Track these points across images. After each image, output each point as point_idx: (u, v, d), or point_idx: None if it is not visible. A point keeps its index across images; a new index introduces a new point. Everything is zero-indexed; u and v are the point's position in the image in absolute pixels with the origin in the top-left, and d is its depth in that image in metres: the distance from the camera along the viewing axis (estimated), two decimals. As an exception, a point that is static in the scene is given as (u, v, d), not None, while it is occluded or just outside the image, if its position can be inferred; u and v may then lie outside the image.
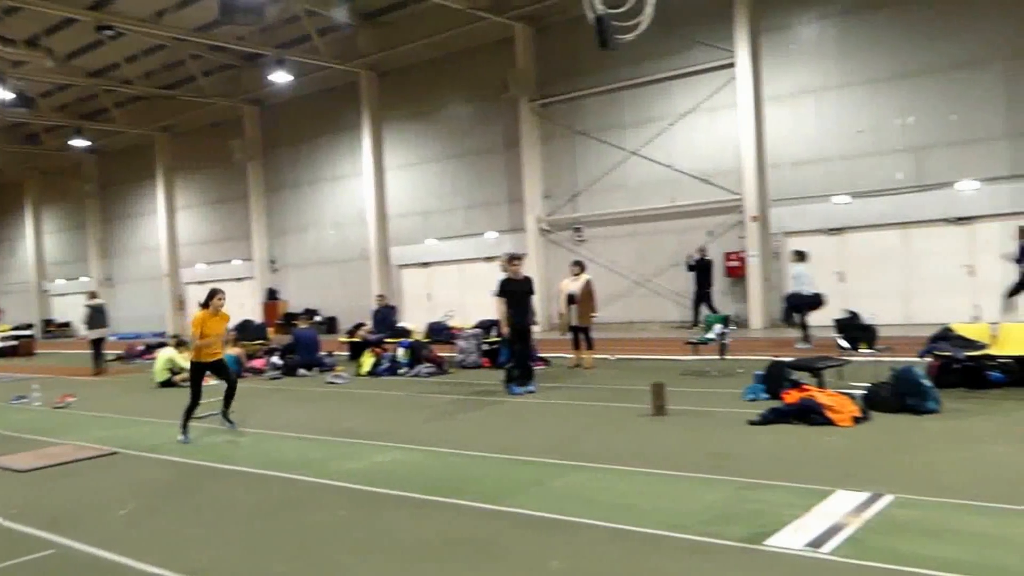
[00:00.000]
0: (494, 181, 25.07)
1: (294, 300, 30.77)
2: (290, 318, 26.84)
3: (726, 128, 20.15)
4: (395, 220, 27.83)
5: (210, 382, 9.74)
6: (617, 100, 22.25)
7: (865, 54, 18.25)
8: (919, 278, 17.63)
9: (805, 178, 19.12)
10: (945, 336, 9.86)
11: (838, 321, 11.26)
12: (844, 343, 10.79)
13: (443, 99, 26.02)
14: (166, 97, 31.06)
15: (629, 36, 11.47)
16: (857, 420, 7.95)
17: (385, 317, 18.44)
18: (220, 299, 9.56)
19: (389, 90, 27.50)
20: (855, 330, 10.88)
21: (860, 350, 10.58)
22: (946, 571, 4.12)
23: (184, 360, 15.77)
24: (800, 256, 15.22)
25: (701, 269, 19.02)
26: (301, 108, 29.88)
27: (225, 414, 9.81)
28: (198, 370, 9.48)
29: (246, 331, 20.12)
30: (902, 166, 17.83)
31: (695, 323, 18.21)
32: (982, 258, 16.75)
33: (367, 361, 15.75)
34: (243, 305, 29.63)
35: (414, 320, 20.02)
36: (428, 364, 15.17)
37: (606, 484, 6.33)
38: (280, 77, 24.74)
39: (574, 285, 14.47)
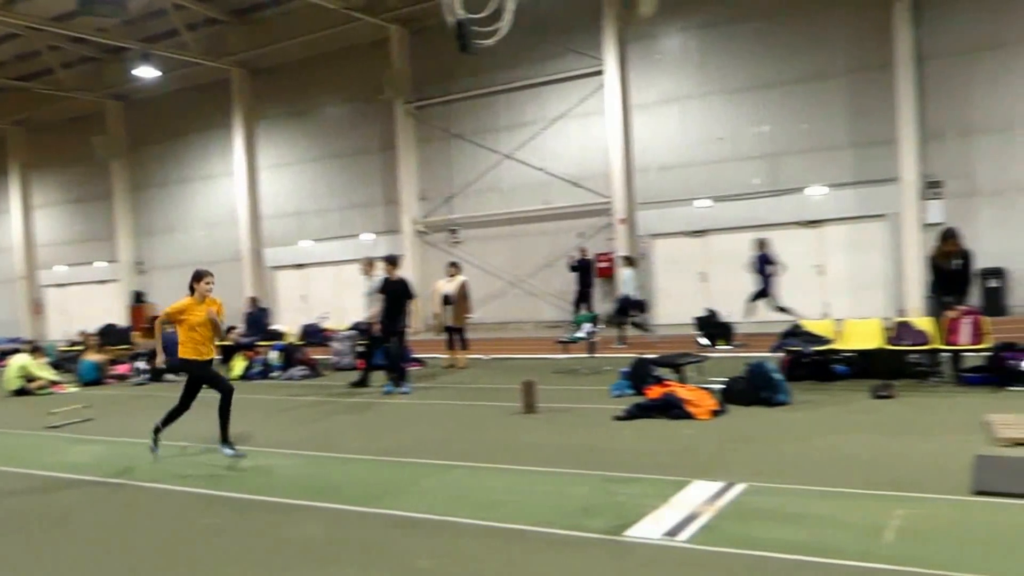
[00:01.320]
0: (370, 182, 24.87)
1: (163, 303, 29.47)
2: (157, 322, 25.65)
3: (596, 133, 20.76)
4: (269, 221, 27.13)
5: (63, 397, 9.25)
6: (492, 104, 22.52)
7: (724, 65, 19.23)
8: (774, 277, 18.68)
9: (670, 182, 19.95)
10: (795, 332, 10.58)
11: (698, 319, 11.86)
12: (704, 340, 11.38)
13: (318, 99, 25.58)
14: (19, 89, 29.09)
15: (489, 41, 11.67)
16: (715, 413, 8.43)
17: (257, 320, 18.00)
18: (208, 282, 7.92)
19: (262, 89, 26.79)
20: (714, 327, 11.50)
21: (718, 346, 11.19)
22: (791, 553, 4.41)
23: (40, 368, 14.92)
24: (630, 261, 16.07)
25: (583, 270, 19.57)
26: (169, 105, 28.62)
27: (225, 438, 7.87)
28: (198, 369, 7.88)
29: (109, 336, 19.29)
30: (758, 172, 18.90)
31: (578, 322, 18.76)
32: (830, 258, 18.02)
33: (238, 365, 15.35)
34: (108, 309, 28.26)
35: (289, 322, 19.62)
36: (302, 367, 14.94)
37: (477, 482, 6.48)
38: (146, 72, 23.58)
39: (449, 286, 14.61)
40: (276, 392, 12.98)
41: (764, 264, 15.85)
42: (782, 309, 14.77)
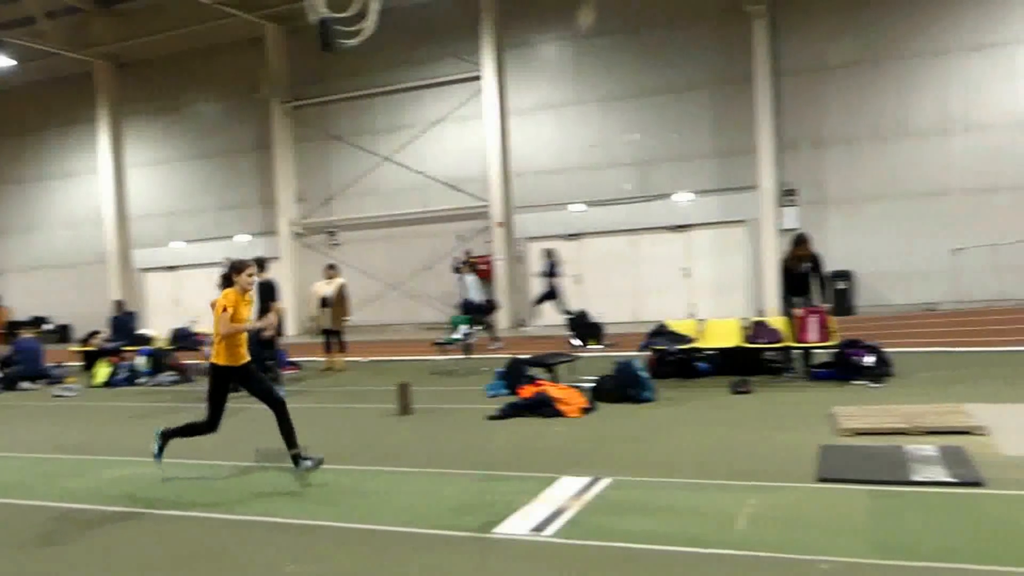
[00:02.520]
0: (245, 183, 24.26)
1: (20, 307, 27.67)
2: (14, 327, 24.15)
3: (474, 138, 21.02)
4: (137, 221, 26.01)
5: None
6: (371, 106, 22.42)
7: (598, 75, 19.87)
8: (644, 279, 19.48)
9: (546, 187, 20.44)
10: (660, 332, 11.09)
11: (570, 320, 12.26)
12: (575, 340, 11.78)
13: (191, 96, 24.74)
14: None
15: (353, 41, 11.66)
16: (585, 411, 8.75)
17: (123, 324, 17.26)
18: (251, 274, 6.80)
19: (130, 83, 25.66)
20: (585, 328, 11.91)
21: (589, 346, 11.60)
22: (651, 543, 4.64)
23: None
24: (471, 266, 16.58)
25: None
26: (26, 97, 26.99)
27: (296, 455, 6.61)
28: (223, 377, 6.71)
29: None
30: (630, 178, 19.65)
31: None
32: (696, 261, 18.95)
33: (102, 371, 14.69)
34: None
35: (159, 327, 18.91)
36: (171, 372, 14.45)
37: (350, 485, 6.49)
38: (-2, 61, 22.15)
39: (327, 288, 14.49)
40: (143, 399, 12.51)
41: (551, 271, 16.89)
42: (567, 312, 15.53)
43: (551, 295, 16.94)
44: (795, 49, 18.14)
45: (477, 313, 15.56)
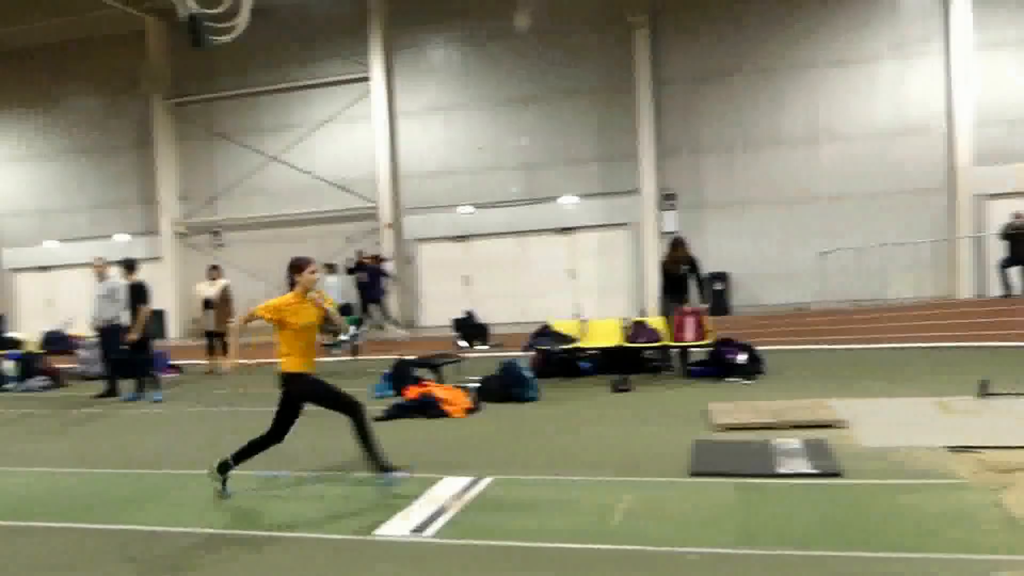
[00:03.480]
0: (125, 181, 23.24)
1: None
2: None
3: (363, 138, 20.83)
4: (6, 219, 24.46)
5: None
6: (257, 104, 21.88)
7: (486, 78, 20.05)
8: (531, 281, 19.76)
9: (435, 189, 20.46)
10: (544, 332, 11.31)
11: (456, 321, 12.34)
12: (462, 341, 11.87)
13: (68, 89, 23.50)
14: None
15: (226, 38, 11.39)
16: (470, 411, 8.84)
17: (-13, 328, 16.27)
18: (314, 271, 6.21)
19: (1, 74, 24.08)
20: (471, 329, 12.01)
21: (475, 347, 11.71)
22: (529, 540, 4.72)
23: None
24: (331, 268, 16.60)
25: (365, 272, 19.53)
26: None
27: (380, 462, 5.96)
28: (311, 386, 6.11)
29: None
30: (517, 181, 19.91)
31: (372, 326, 18.90)
32: (581, 263, 19.40)
33: (-38, 377, 13.79)
34: None
35: (30, 329, 17.88)
36: (42, 377, 13.71)
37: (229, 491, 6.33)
38: None
39: (210, 290, 14.12)
40: (11, 406, 11.80)
41: (379, 277, 17.20)
42: (388, 316, 15.75)
43: (377, 299, 17.16)
44: (675, 59, 18.82)
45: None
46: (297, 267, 6.18)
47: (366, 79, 20.60)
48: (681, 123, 18.81)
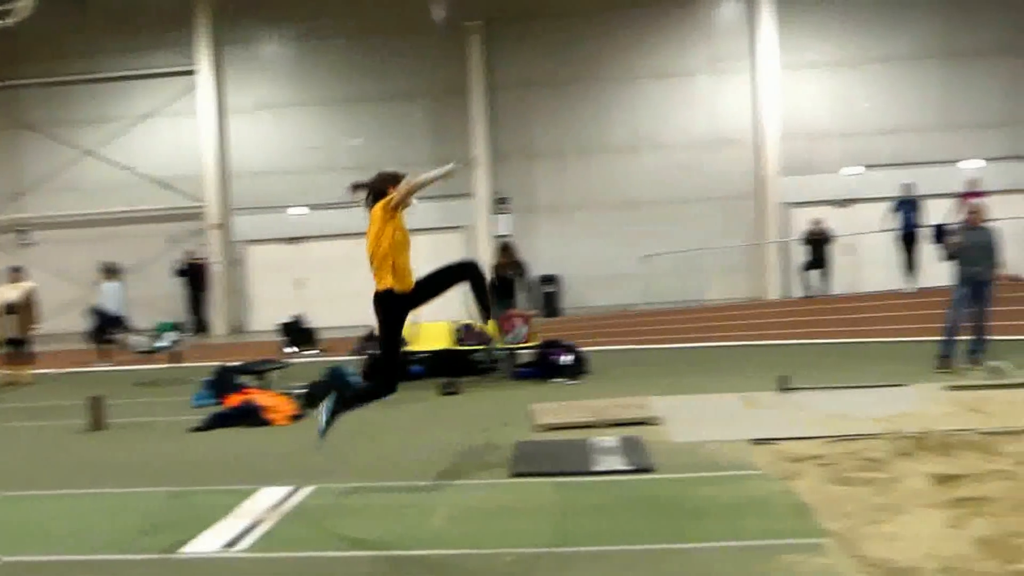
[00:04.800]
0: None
1: None
2: None
3: (189, 135, 19.86)
4: None
5: None
6: (70, 94, 20.38)
7: (319, 77, 19.65)
8: (367, 283, 19.39)
9: (266, 189, 19.81)
10: (374, 336, 11.14)
11: (283, 325, 11.98)
12: (289, 346, 11.53)
13: None
14: None
15: (8, 21, 10.56)
16: (295, 418, 8.58)
17: None
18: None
19: None
20: (298, 333, 11.69)
21: (304, 351, 11.41)
22: (348, 550, 4.65)
23: None
24: (111, 272, 15.86)
25: (192, 275, 18.54)
26: None
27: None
28: (398, 308, 5.70)
29: None
30: (351, 182, 19.54)
31: (198, 330, 17.97)
32: (416, 265, 19.21)
33: None
34: None
35: None
36: None
37: (24, 512, 5.83)
38: None
39: (12, 293, 13.02)
40: None
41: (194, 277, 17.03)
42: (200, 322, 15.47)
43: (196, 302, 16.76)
44: (508, 66, 19.17)
45: (109, 325, 14.71)
46: (390, 180, 5.84)
47: (192, 72, 19.64)
48: (514, 128, 19.18)
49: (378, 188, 5.79)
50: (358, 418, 8.60)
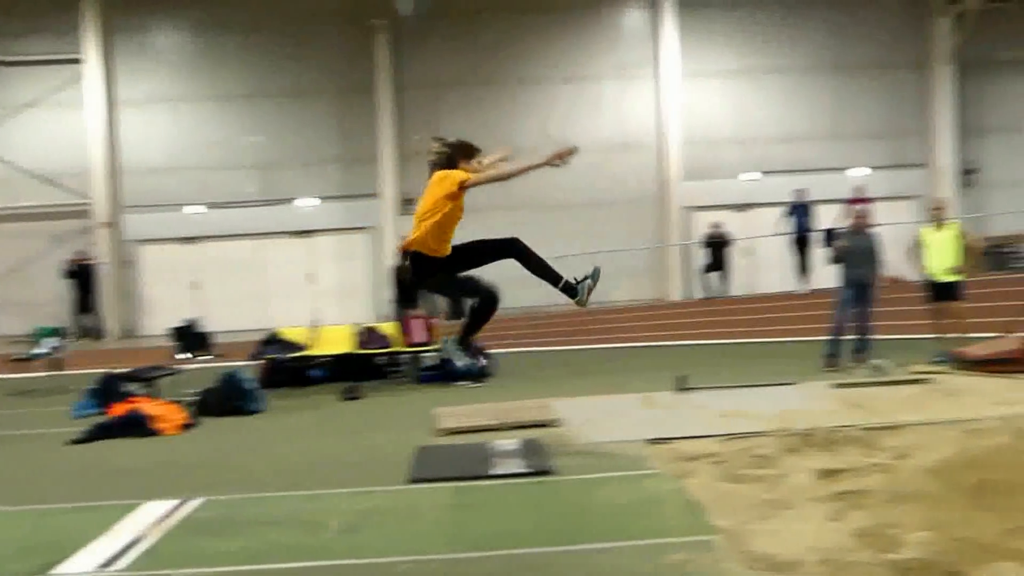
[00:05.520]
0: None
1: None
2: None
3: (75, 127, 18.88)
4: None
5: None
6: (-63, 79, 19.08)
7: (217, 71, 19.02)
8: (269, 286, 18.99)
9: (160, 186, 19.07)
10: (272, 340, 10.89)
11: (176, 329, 11.53)
12: (182, 352, 11.10)
13: None
14: None
15: None
16: (186, 427, 8.24)
17: None
18: (480, 160, 6.04)
19: None
20: (192, 337, 11.28)
21: (197, 357, 11.00)
22: (236, 564, 4.45)
23: None
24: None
25: (82, 276, 17.64)
26: None
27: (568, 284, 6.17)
28: (443, 269, 6.03)
29: None
30: (252, 181, 19.05)
31: (83, 335, 17.04)
32: (320, 267, 18.94)
33: None
34: None
35: None
36: None
37: None
38: None
39: None
40: None
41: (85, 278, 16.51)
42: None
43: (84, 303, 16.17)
44: (417, 65, 18.99)
45: None
46: (467, 152, 5.95)
47: (79, 61, 18.67)
48: (423, 128, 18.88)
49: (450, 156, 5.82)
50: (255, 427, 8.41)
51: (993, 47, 19.73)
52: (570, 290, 6.21)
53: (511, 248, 6.13)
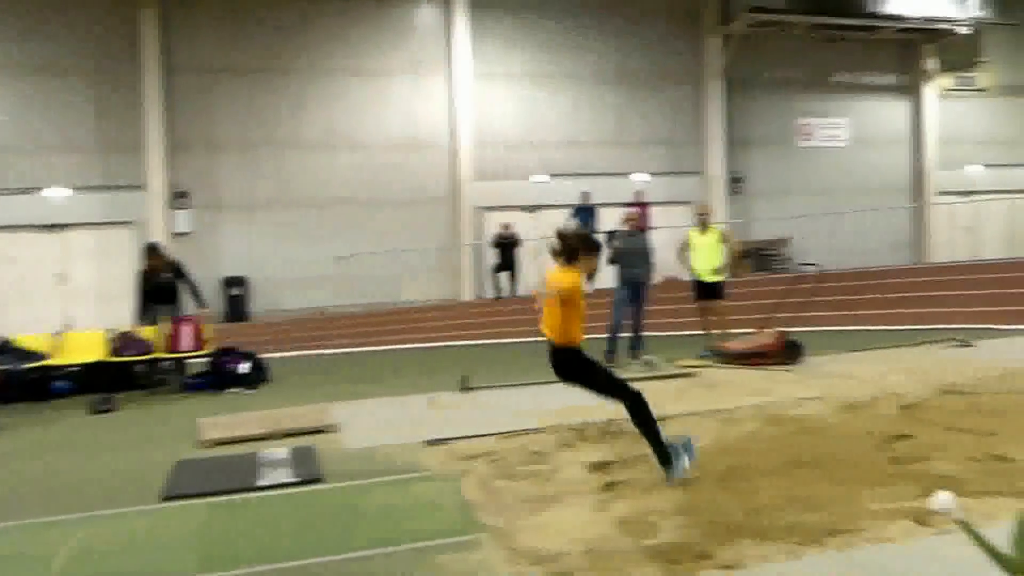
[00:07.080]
0: None
1: None
2: None
3: None
4: None
5: None
6: None
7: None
8: (8, 287, 16.71)
9: None
10: (5, 349, 9.59)
11: None
12: None
13: None
14: None
15: None
16: None
17: None
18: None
19: None
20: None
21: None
22: None
23: None
24: None
25: None
26: None
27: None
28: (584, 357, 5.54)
29: None
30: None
31: None
32: (74, 266, 17.08)
33: None
34: None
35: None
36: None
37: None
38: None
39: None
40: None
41: None
42: None
43: None
44: (189, 48, 17.61)
45: None
46: (590, 246, 5.53)
47: None
48: (196, 117, 17.66)
49: (573, 248, 5.42)
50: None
51: (755, 67, 21.48)
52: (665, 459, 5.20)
53: (631, 399, 5.43)
